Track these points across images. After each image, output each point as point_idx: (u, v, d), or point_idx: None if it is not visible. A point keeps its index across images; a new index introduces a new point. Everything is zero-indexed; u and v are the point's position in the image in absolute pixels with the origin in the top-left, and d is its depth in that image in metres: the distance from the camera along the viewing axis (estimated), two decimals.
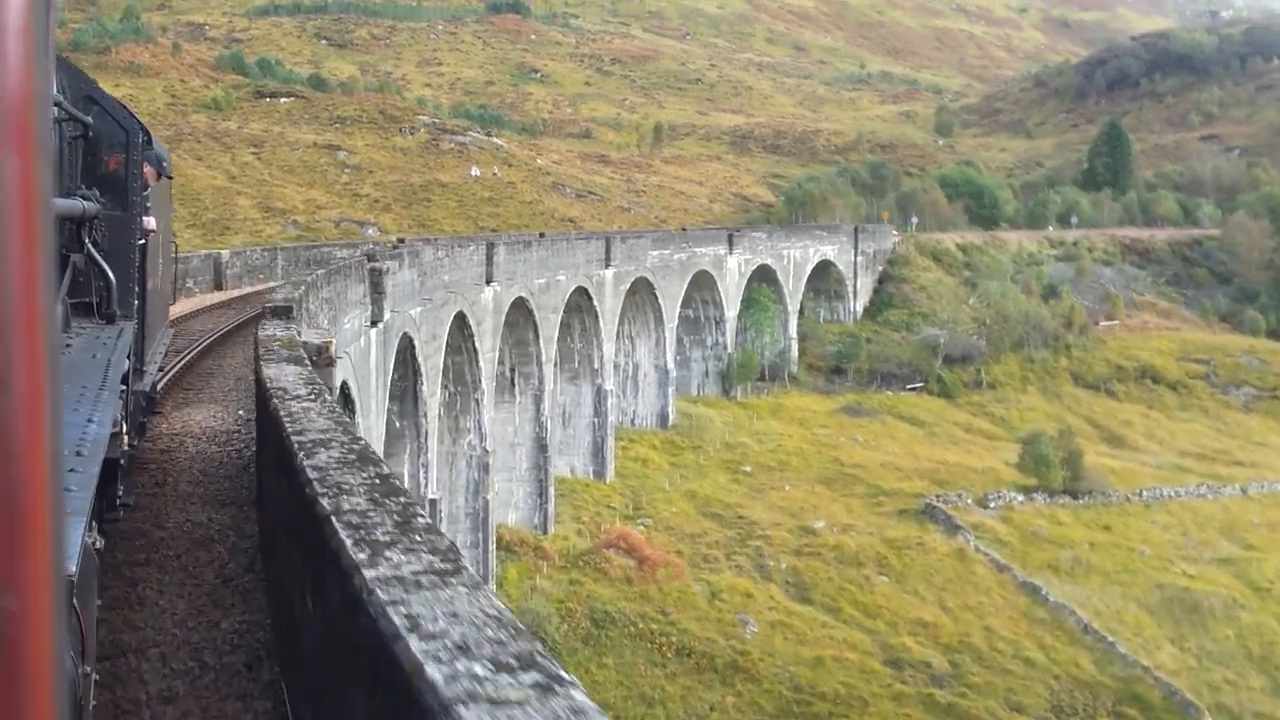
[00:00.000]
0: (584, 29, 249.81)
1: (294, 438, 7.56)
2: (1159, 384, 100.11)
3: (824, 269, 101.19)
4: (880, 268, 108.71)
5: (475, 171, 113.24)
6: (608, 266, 70.40)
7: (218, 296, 49.19)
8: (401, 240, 64.13)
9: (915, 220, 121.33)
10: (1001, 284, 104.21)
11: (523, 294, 58.37)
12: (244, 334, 31.16)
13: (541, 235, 70.68)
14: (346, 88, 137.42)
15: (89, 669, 5.33)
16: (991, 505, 71.70)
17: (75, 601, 4.45)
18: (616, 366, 75.70)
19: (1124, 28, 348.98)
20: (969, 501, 71.46)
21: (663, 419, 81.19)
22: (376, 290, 34.46)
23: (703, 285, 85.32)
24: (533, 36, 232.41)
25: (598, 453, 71.38)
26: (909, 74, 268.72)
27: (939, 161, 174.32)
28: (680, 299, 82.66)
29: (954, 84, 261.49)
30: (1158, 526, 73.12)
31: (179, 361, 25.69)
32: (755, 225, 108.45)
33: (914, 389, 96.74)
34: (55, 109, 9.34)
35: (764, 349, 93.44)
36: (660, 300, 79.13)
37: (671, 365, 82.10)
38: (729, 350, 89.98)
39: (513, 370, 60.80)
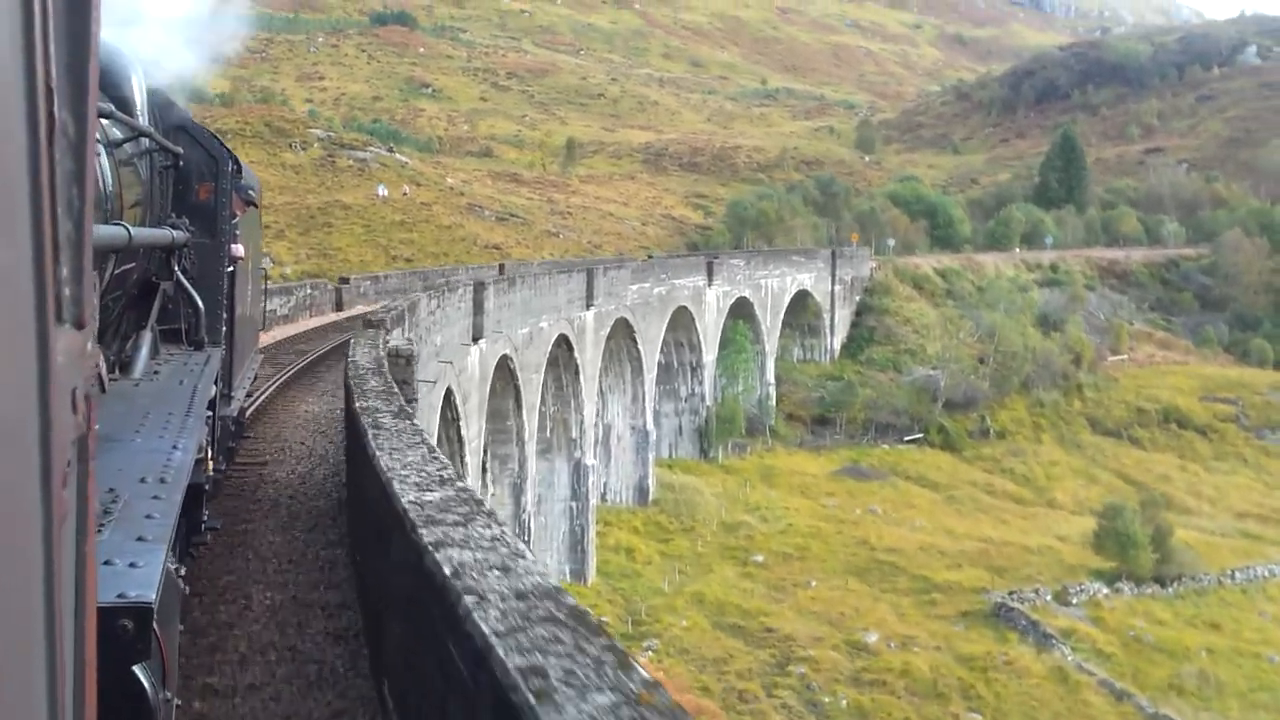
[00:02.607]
0: (475, 43, 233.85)
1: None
2: (1186, 429, 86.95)
3: (800, 300, 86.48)
4: (858, 298, 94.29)
5: (383, 191, 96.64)
6: (589, 306, 54.77)
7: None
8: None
9: (892, 243, 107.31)
10: (1005, 315, 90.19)
11: (507, 351, 42.65)
12: None
13: (498, 272, 54.79)
14: (225, 99, 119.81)
15: (170, 694, 5.03)
16: (1074, 601, 57.25)
17: (156, 627, 4.30)
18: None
19: (1018, 44, 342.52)
20: (1047, 598, 56.88)
21: (642, 492, 65.63)
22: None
23: (678, 324, 69.96)
24: (421, 50, 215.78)
25: (576, 546, 55.57)
26: (811, 90, 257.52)
27: (869, 179, 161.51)
28: (659, 342, 67.32)
29: (860, 100, 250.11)
30: (1269, 619, 59.29)
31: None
32: (728, 251, 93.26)
33: (912, 441, 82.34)
34: (146, 140, 9.59)
35: (740, 397, 78.45)
36: (640, 345, 63.68)
37: (651, 425, 66.67)
38: (707, 402, 74.70)
39: (486, 451, 44.76)
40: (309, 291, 50.10)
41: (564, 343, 52.00)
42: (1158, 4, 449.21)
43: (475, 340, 38.06)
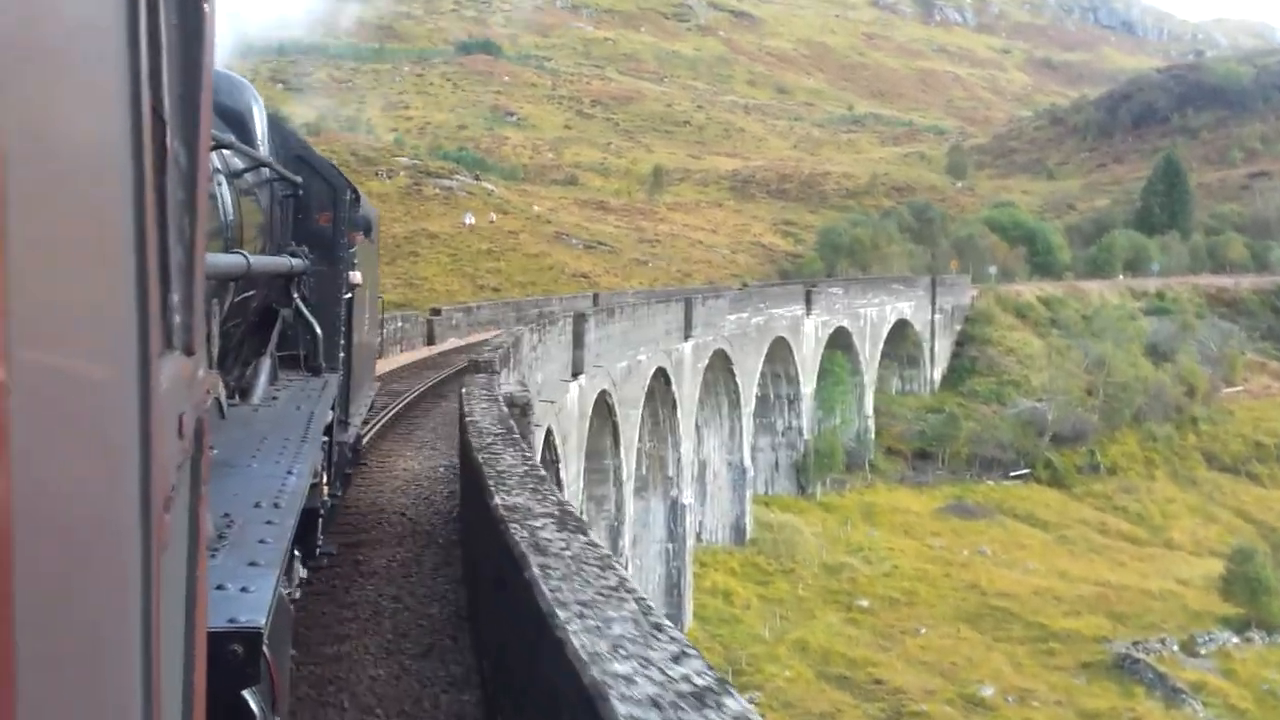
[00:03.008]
0: (559, 71, 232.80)
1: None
2: None
3: (900, 330, 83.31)
4: (958, 327, 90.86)
5: (470, 219, 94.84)
6: (687, 338, 52.18)
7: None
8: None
9: (994, 270, 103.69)
10: (1114, 345, 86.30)
11: (605, 386, 40.16)
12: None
13: (593, 302, 52.37)
14: (312, 128, 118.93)
15: (279, 719, 4.92)
16: (1202, 651, 53.61)
17: (266, 652, 4.31)
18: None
19: (1109, 67, 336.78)
20: (1174, 648, 53.29)
21: (739, 532, 62.80)
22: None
23: (774, 356, 67.13)
24: (506, 78, 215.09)
25: (672, 590, 52.78)
26: (899, 116, 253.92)
27: (961, 205, 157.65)
28: (757, 374, 64.56)
29: (949, 125, 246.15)
30: None
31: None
32: (826, 279, 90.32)
33: (1018, 477, 78.76)
34: (266, 169, 9.76)
35: (837, 431, 75.44)
36: (737, 377, 60.95)
37: (748, 461, 63.83)
38: (804, 436, 71.72)
39: (582, 492, 42.20)
40: (399, 324, 47.88)
41: (661, 376, 49.46)
42: (1251, 27, 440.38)
43: (575, 376, 35.62)
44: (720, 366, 59.18)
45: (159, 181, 1.79)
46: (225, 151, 7.87)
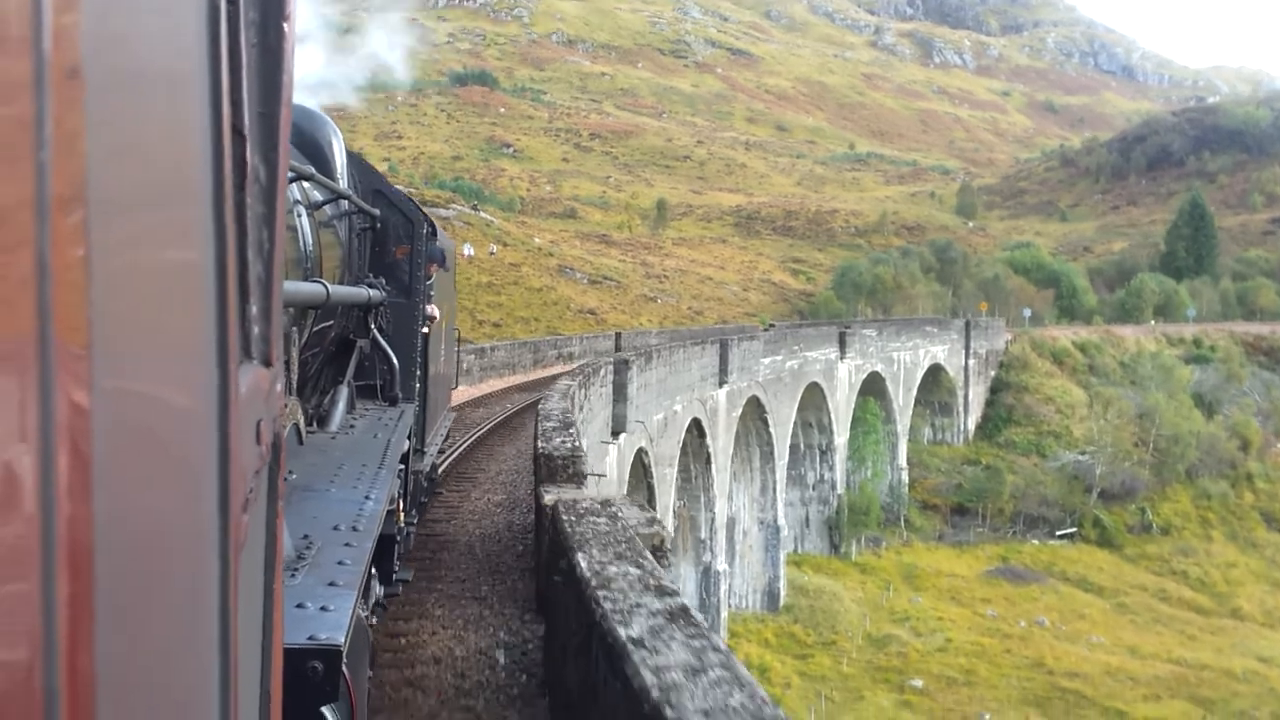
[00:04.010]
0: (556, 104, 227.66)
1: None
2: None
3: (933, 376, 77.09)
4: (993, 373, 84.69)
5: (469, 251, 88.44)
6: (722, 384, 45.86)
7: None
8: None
9: (1029, 313, 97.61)
10: (1163, 395, 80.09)
11: (643, 444, 33.88)
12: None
13: (615, 343, 45.98)
14: None
15: None
16: None
17: (345, 670, 4.39)
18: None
19: (1110, 111, 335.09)
20: None
21: (772, 597, 56.26)
22: None
23: (805, 403, 60.73)
24: (502, 110, 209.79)
25: None
26: (901, 155, 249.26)
27: (973, 245, 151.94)
28: (791, 423, 58.22)
29: (953, 165, 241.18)
30: None
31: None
32: (861, 320, 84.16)
33: (1065, 536, 72.44)
34: (345, 202, 9.98)
35: (873, 485, 69.24)
36: (770, 427, 54.59)
37: (782, 520, 57.40)
38: (838, 490, 65.36)
39: None
40: None
41: (695, 427, 43.17)
42: (1250, 74, 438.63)
43: (615, 435, 29.33)
44: (753, 415, 52.87)
45: (239, 197, 1.85)
46: (305, 184, 8.10)
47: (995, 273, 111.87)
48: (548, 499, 11.40)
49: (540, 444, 13.56)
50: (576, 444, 13.72)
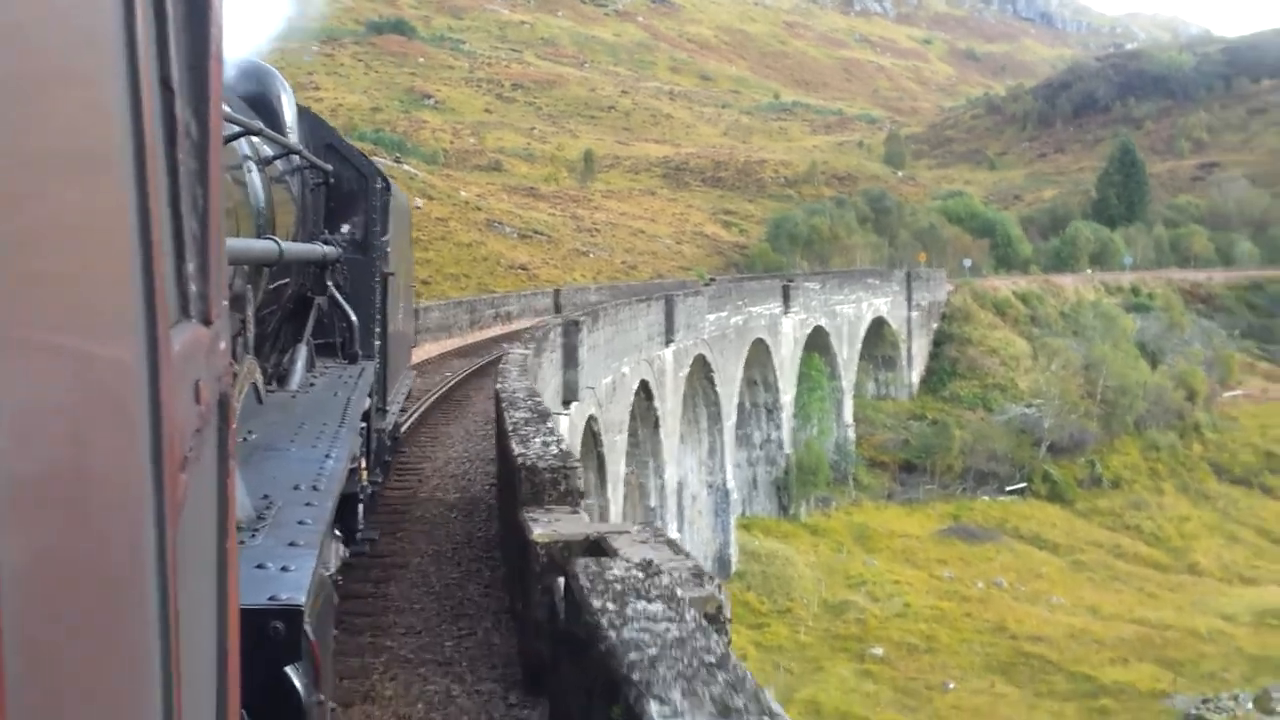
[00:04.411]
0: (476, 53, 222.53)
1: None
2: None
3: (876, 329, 74.84)
4: (935, 325, 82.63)
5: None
6: (669, 342, 43.18)
7: None
8: None
9: (969, 264, 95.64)
10: (1108, 345, 78.42)
11: (593, 410, 31.20)
12: None
13: (554, 300, 43.05)
14: None
15: (323, 697, 4.88)
16: (1279, 709, 45.51)
17: (307, 629, 4.37)
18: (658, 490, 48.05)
19: (1031, 59, 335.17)
20: (1248, 705, 45.15)
21: (723, 564, 53.75)
22: None
23: (751, 360, 58.20)
24: (421, 60, 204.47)
25: None
26: (826, 104, 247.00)
27: (903, 194, 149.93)
28: (738, 381, 55.69)
29: (879, 114, 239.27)
30: None
31: None
32: (804, 274, 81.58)
33: (1015, 491, 70.70)
34: (297, 157, 9.71)
35: (816, 442, 67.00)
36: (718, 386, 52.03)
37: (732, 483, 54.97)
38: (785, 450, 62.99)
39: None
40: None
41: (643, 390, 40.49)
42: (1165, 21, 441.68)
43: (567, 405, 26.57)
44: (700, 374, 50.26)
45: (169, 152, 1.82)
46: (255, 139, 7.81)
47: (931, 222, 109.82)
48: (538, 535, 8.47)
49: (516, 447, 10.60)
50: (564, 446, 10.82)
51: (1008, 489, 70.50)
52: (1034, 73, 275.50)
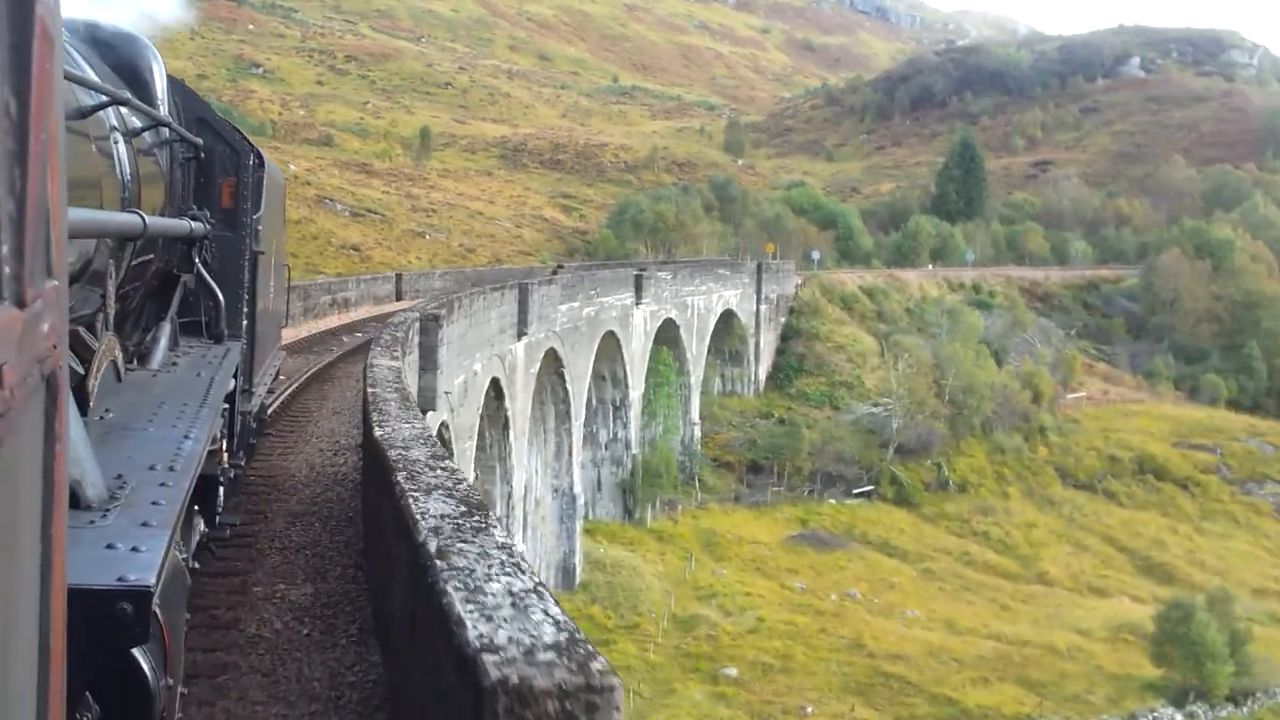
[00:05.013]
0: (308, 22, 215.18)
1: None
2: (1164, 481, 75.03)
3: (725, 323, 72.33)
4: (783, 319, 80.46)
5: None
6: (521, 335, 39.77)
7: None
8: None
9: (817, 255, 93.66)
10: (954, 342, 77.04)
11: (445, 415, 27.66)
12: None
13: (395, 285, 39.17)
14: None
15: (171, 681, 4.88)
16: None
17: (157, 611, 4.31)
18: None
19: (866, 52, 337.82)
20: None
21: (567, 574, 50.54)
22: None
23: (600, 354, 55.01)
24: (250, 27, 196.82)
25: None
26: (665, 90, 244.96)
27: (743, 183, 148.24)
28: (588, 378, 52.48)
29: (717, 102, 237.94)
30: None
31: None
32: (657, 263, 78.34)
33: (862, 494, 68.81)
34: (167, 130, 9.47)
35: (662, 440, 64.28)
36: (568, 382, 48.77)
37: (579, 487, 51.74)
38: (632, 450, 59.99)
39: None
40: None
41: (494, 388, 37.01)
42: (995, 19, 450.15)
43: (424, 413, 22.96)
44: (550, 370, 46.94)
45: None
46: (123, 110, 7.59)
47: (776, 212, 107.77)
48: None
49: (461, 606, 7.13)
50: (565, 621, 7.35)
51: (855, 491, 68.57)
52: (869, 66, 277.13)
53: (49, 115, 2.05)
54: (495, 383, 36.87)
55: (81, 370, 5.82)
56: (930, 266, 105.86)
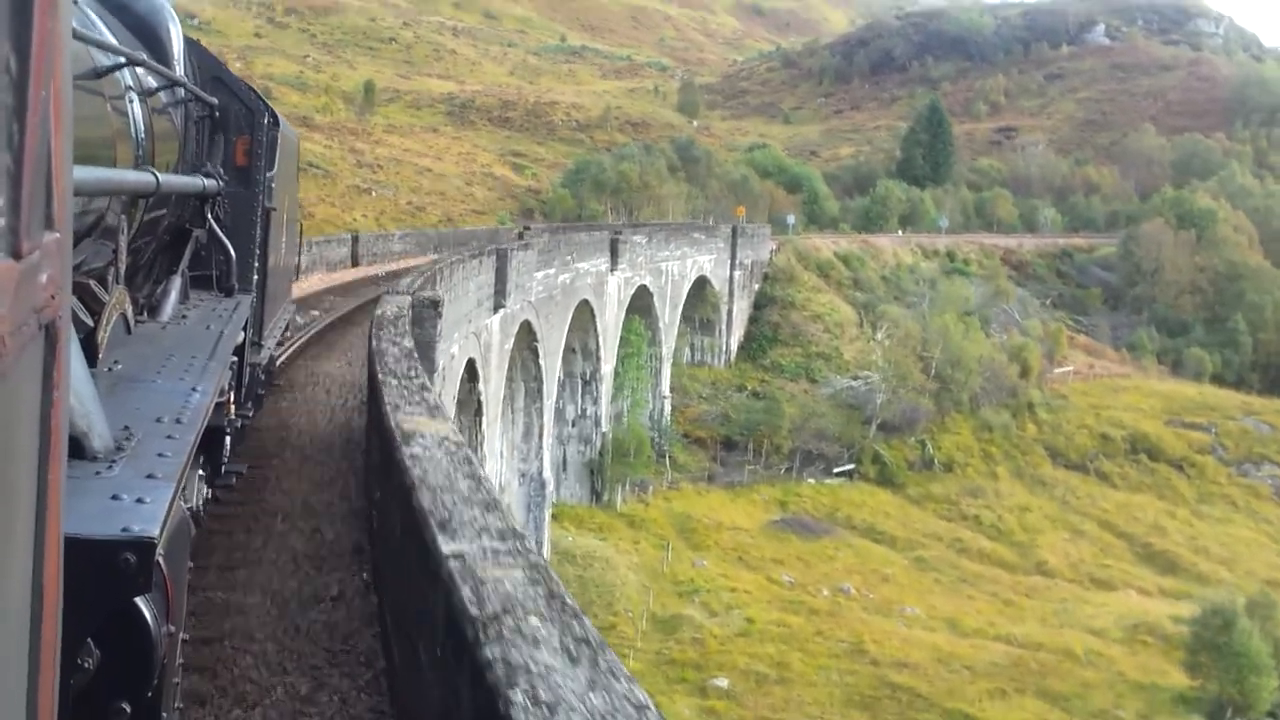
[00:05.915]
0: None
1: None
2: (1159, 461, 70.99)
3: (698, 290, 67.38)
4: (757, 286, 75.59)
5: None
6: (498, 308, 34.64)
7: None
8: None
9: (793, 220, 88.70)
10: (954, 316, 72.51)
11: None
12: None
13: (351, 248, 33.87)
14: None
15: (174, 628, 4.90)
16: None
17: (160, 561, 4.35)
18: None
19: (816, 18, 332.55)
20: None
21: None
22: None
23: (574, 325, 49.82)
24: None
25: None
26: (615, 50, 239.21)
27: (701, 143, 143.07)
28: (561, 352, 47.37)
29: (668, 63, 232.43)
30: None
31: None
32: (632, 226, 73.17)
33: (843, 473, 64.23)
34: (182, 89, 9.44)
35: (637, 417, 59.41)
36: (541, 358, 43.67)
37: (549, 472, 46.69)
38: (602, 428, 54.98)
39: None
40: None
41: (469, 370, 31.89)
42: None
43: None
44: (523, 344, 41.81)
45: None
46: (139, 69, 7.66)
47: (743, 174, 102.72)
48: None
49: None
50: None
51: (835, 471, 63.99)
52: (820, 30, 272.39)
53: (53, 72, 2.04)
54: (470, 364, 31.81)
55: (91, 322, 5.62)
56: (901, 232, 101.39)
